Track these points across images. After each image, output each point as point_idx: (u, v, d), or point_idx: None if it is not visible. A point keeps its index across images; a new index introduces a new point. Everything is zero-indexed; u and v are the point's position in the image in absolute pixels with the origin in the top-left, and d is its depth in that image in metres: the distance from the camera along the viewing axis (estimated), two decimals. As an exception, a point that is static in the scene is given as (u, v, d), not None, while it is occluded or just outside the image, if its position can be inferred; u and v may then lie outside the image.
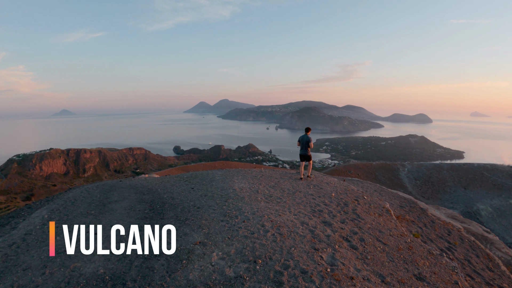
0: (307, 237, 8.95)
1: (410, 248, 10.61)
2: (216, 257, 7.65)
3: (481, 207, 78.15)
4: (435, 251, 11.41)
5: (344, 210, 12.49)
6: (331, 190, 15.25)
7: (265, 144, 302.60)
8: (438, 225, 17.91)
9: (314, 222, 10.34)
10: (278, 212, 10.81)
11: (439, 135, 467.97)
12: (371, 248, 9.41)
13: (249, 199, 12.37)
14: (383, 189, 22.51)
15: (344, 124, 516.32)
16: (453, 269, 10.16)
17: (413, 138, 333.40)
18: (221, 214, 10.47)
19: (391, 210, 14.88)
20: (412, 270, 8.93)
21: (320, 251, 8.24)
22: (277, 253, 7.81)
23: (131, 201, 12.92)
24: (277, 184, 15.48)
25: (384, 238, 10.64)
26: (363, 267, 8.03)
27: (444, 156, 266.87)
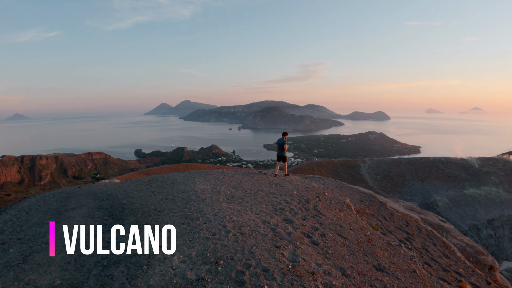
0: (268, 236, 9.00)
1: (370, 240, 10.89)
2: (177, 261, 7.54)
3: (438, 198, 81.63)
4: (394, 242, 11.79)
5: (305, 207, 12.66)
6: (292, 188, 15.41)
7: (228, 144, 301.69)
8: (396, 217, 18.50)
9: (276, 220, 10.41)
10: (240, 212, 10.80)
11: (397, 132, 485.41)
12: (332, 243, 9.59)
13: (211, 200, 12.30)
14: (344, 185, 23.00)
15: (306, 123, 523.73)
16: (411, 258, 10.53)
17: (373, 135, 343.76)
18: (182, 217, 10.33)
19: (351, 205, 15.23)
20: (372, 261, 9.16)
21: (282, 248, 8.31)
22: (238, 253, 7.80)
23: (90, 208, 12.52)
24: (239, 184, 15.48)
25: (344, 233, 10.87)
26: (324, 262, 8.17)
27: (402, 151, 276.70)
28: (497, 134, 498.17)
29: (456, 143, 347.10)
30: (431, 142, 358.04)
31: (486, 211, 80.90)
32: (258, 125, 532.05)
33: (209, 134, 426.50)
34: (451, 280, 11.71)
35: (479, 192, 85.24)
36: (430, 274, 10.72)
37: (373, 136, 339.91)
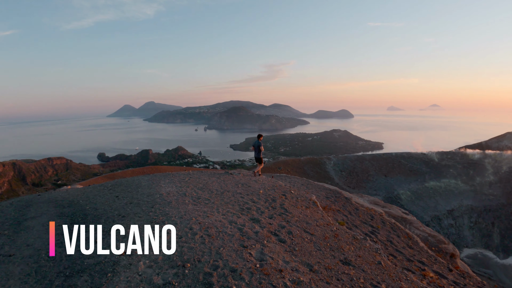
0: (235, 236, 8.98)
1: (336, 235, 11.09)
2: (143, 266, 7.38)
3: (401, 192, 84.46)
4: (359, 236, 12.07)
5: (272, 206, 12.73)
6: (259, 188, 15.46)
7: (194, 146, 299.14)
8: (361, 212, 18.94)
9: (243, 220, 10.41)
10: (206, 214, 10.72)
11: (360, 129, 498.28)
12: (299, 240, 9.70)
13: (177, 203, 12.13)
14: (310, 183, 23.33)
15: (272, 122, 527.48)
16: (376, 251, 10.80)
17: (337, 133, 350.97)
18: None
19: (317, 201, 15.45)
20: (339, 256, 9.34)
21: (249, 248, 8.32)
22: (206, 255, 7.73)
23: (50, 216, 12.05)
24: (206, 185, 15.36)
25: (311, 229, 11.01)
26: (292, 259, 8.25)
27: (366, 147, 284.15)
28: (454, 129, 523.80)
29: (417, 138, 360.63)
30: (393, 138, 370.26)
31: (446, 202, 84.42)
32: (224, 125, 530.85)
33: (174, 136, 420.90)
34: (415, 269, 12.12)
35: (439, 185, 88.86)
36: (395, 265, 11.03)
37: (338, 133, 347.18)
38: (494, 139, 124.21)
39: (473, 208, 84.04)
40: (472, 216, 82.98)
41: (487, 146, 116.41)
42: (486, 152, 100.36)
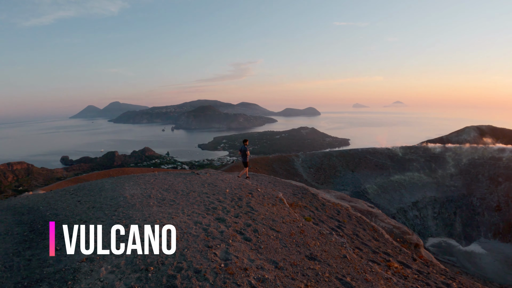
0: (200, 236, 8.90)
1: (302, 231, 11.19)
2: (105, 272, 7.18)
3: (368, 186, 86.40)
4: (325, 231, 12.24)
5: (238, 205, 12.71)
6: (225, 187, 15.40)
7: (162, 146, 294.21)
8: (328, 207, 19.22)
9: (208, 220, 10.33)
10: (171, 215, 10.55)
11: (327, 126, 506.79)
12: (265, 238, 9.72)
13: (141, 205, 11.87)
14: (277, 180, 23.47)
15: (240, 121, 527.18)
16: (342, 245, 10.99)
17: (305, 130, 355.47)
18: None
19: (284, 199, 15.56)
20: (304, 251, 9.43)
21: (214, 248, 8.26)
22: (169, 257, 7.62)
23: (8, 224, 11.53)
24: (171, 186, 15.14)
25: (277, 226, 11.07)
26: (257, 257, 8.25)
27: (333, 144, 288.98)
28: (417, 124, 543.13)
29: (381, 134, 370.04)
30: (359, 135, 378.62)
31: (410, 195, 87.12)
32: (192, 125, 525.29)
33: (141, 137, 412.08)
34: (380, 261, 12.39)
35: (404, 178, 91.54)
36: (360, 257, 11.26)
37: (305, 131, 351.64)
38: (454, 134, 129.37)
39: (436, 199, 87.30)
40: (435, 207, 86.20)
41: (448, 140, 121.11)
42: (447, 146, 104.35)
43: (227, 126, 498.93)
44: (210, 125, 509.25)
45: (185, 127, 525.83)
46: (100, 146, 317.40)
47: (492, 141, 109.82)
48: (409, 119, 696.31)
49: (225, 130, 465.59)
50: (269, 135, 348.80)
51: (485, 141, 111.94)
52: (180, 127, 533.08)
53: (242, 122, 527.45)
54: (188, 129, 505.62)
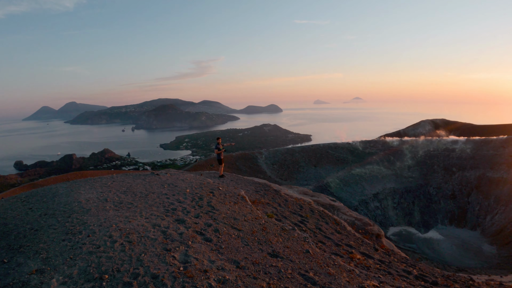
0: (158, 239, 8.58)
1: (265, 228, 11.09)
2: (56, 283, 6.73)
3: (330, 180, 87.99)
4: (288, 226, 12.19)
5: (198, 205, 12.44)
6: (186, 187, 15.07)
7: (122, 147, 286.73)
8: (291, 203, 19.26)
9: (167, 222, 10.01)
10: (128, 219, 10.14)
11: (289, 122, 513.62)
12: (226, 237, 9.53)
13: (96, 210, 11.32)
14: (239, 178, 23.31)
15: (202, 119, 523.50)
16: (304, 240, 10.97)
17: (267, 127, 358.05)
18: (63, 233, 9.29)
19: (246, 196, 15.42)
20: (266, 249, 9.31)
21: (173, 251, 7.98)
22: (125, 263, 7.26)
23: (-50, 237, 10.66)
24: (129, 188, 14.59)
25: (239, 225, 10.91)
26: (218, 258, 8.06)
27: (295, 140, 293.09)
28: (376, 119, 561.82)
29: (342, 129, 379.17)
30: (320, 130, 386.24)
31: (371, 187, 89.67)
32: (153, 124, 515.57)
33: (100, 138, 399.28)
34: (343, 253, 12.51)
35: (364, 171, 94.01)
36: (323, 251, 11.29)
37: (268, 128, 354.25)
38: (410, 127, 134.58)
39: (396, 190, 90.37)
40: (395, 197, 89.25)
41: (405, 133, 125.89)
42: (404, 139, 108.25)
43: (189, 125, 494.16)
44: (172, 124, 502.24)
45: (146, 127, 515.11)
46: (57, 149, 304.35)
47: (446, 134, 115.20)
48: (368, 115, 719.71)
49: (187, 129, 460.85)
50: (232, 132, 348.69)
51: (439, 133, 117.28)
52: (140, 127, 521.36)
53: (204, 120, 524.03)
54: (149, 129, 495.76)
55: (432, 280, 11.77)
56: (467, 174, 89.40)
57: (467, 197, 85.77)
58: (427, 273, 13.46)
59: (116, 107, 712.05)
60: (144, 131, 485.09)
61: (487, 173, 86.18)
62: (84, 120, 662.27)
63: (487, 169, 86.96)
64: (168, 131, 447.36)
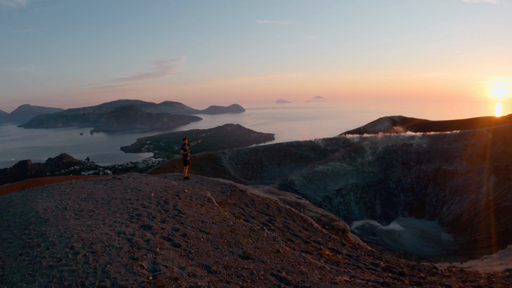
0: (124, 248, 8.18)
1: (233, 230, 10.92)
2: (13, 302, 6.25)
3: (294, 178, 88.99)
4: (256, 226, 12.08)
5: (164, 209, 12.09)
6: (150, 190, 14.63)
7: (81, 151, 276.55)
8: (257, 202, 19.19)
9: (132, 229, 9.60)
10: (91, 227, 9.63)
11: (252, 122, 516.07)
12: (195, 241, 9.28)
13: (56, 219, 10.68)
14: (205, 179, 22.99)
15: (164, 121, 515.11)
16: (274, 239, 10.89)
17: (230, 127, 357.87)
18: (19, 247, 8.64)
19: (212, 198, 15.18)
20: (237, 251, 9.15)
21: (140, 259, 7.62)
22: (90, 276, 6.83)
23: None
24: (90, 195, 13.94)
25: (207, 227, 10.68)
26: (188, 264, 7.80)
27: (258, 139, 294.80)
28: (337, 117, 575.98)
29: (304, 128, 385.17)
30: (283, 129, 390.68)
31: (334, 183, 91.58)
32: (113, 126, 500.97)
33: (57, 142, 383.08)
34: (312, 250, 12.54)
35: (327, 168, 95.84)
36: (293, 250, 11.26)
37: (231, 128, 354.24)
38: (369, 124, 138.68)
39: (357, 185, 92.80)
40: (357, 192, 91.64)
41: (365, 130, 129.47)
42: (364, 136, 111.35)
43: (150, 127, 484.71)
44: (133, 126, 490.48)
45: (106, 129, 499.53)
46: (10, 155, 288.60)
47: (403, 130, 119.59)
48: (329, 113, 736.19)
49: (149, 130, 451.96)
50: (195, 133, 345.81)
51: (397, 129, 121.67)
52: (100, 129, 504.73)
53: (166, 121, 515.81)
54: (109, 131, 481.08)
55: (399, 271, 12.03)
56: (424, 167, 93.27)
57: (425, 189, 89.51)
58: (393, 264, 13.76)
59: (73, 109, 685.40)
60: (103, 133, 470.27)
61: (442, 166, 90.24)
62: (39, 124, 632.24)
63: (442, 162, 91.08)
64: (129, 133, 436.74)
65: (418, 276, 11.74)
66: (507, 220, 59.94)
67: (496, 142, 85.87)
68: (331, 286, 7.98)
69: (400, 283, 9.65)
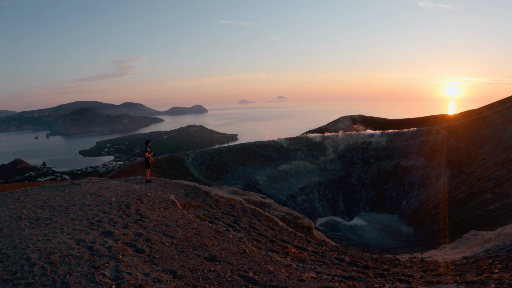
0: (85, 257, 7.83)
1: (198, 232, 10.80)
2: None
3: (258, 178, 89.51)
4: (222, 228, 12.00)
5: (126, 214, 11.75)
6: (111, 195, 14.18)
7: (36, 156, 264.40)
8: (222, 203, 19.10)
9: (93, 237, 9.24)
10: (48, 237, 9.16)
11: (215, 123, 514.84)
12: (159, 246, 9.08)
13: (9, 229, 10.07)
14: (168, 182, 22.64)
15: (124, 123, 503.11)
16: (239, 240, 10.85)
17: (193, 128, 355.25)
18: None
19: (176, 200, 14.95)
20: (203, 254, 9.04)
21: (102, 268, 7.32)
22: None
23: None
24: (47, 202, 13.29)
25: (171, 231, 10.49)
26: (152, 269, 7.60)
27: (222, 140, 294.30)
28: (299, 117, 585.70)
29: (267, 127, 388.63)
30: (246, 129, 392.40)
31: (298, 181, 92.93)
32: (70, 129, 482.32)
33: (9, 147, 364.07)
34: (278, 249, 12.61)
35: (290, 167, 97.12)
36: (259, 249, 11.26)
37: (194, 129, 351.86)
38: (331, 123, 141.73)
39: (320, 183, 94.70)
40: (320, 190, 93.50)
41: (326, 129, 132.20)
42: (326, 135, 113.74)
43: (110, 129, 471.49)
44: (91, 129, 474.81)
45: (63, 132, 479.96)
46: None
47: (363, 128, 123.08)
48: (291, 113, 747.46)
49: (109, 133, 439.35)
50: (157, 135, 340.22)
51: (357, 128, 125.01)
52: (56, 133, 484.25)
53: (127, 123, 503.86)
54: (66, 135, 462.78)
55: (363, 264, 12.33)
56: (384, 164, 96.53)
57: (385, 184, 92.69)
58: (357, 258, 14.08)
59: (27, 112, 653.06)
60: (60, 137, 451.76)
61: (400, 162, 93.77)
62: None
63: (401, 158, 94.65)
64: (88, 136, 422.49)
65: (381, 268, 12.08)
66: (462, 211, 63.00)
67: (450, 138, 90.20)
68: (299, 283, 8.04)
69: (365, 276, 9.89)
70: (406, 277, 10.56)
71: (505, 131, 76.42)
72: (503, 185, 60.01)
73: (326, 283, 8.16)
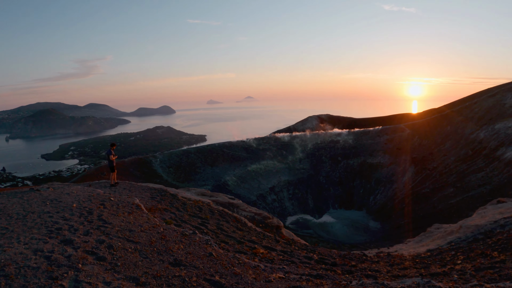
0: (42, 267, 7.44)
1: (164, 237, 10.58)
2: None
3: (228, 178, 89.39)
4: (188, 231, 11.80)
5: (88, 220, 11.35)
6: (72, 201, 13.67)
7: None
8: (189, 206, 18.86)
9: (51, 245, 8.83)
10: (3, 247, 8.67)
11: (183, 123, 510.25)
12: (122, 253, 8.80)
13: (-40, 240, 9.54)
14: (133, 185, 22.14)
15: (89, 124, 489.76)
16: (206, 242, 10.70)
17: (160, 129, 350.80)
18: None
19: (141, 204, 14.63)
20: (167, 259, 8.84)
21: (60, 278, 6.98)
22: (2, 303, 6.14)
23: None
24: (3, 210, 12.61)
25: (135, 237, 10.22)
26: (114, 278, 7.34)
27: (190, 141, 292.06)
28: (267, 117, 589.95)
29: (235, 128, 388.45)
30: (215, 130, 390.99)
31: (267, 181, 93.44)
32: (32, 132, 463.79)
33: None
34: (246, 250, 12.53)
35: (260, 167, 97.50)
36: (227, 251, 11.15)
37: (161, 130, 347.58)
38: (299, 123, 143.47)
39: (290, 182, 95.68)
40: (289, 188, 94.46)
41: (294, 129, 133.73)
42: (294, 134, 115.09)
43: (74, 131, 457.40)
44: (54, 131, 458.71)
45: (23, 135, 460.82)
46: None
47: (330, 127, 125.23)
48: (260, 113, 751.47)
49: (73, 135, 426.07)
50: (123, 137, 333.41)
51: (325, 127, 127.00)
52: (16, 136, 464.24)
53: (92, 125, 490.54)
54: (27, 138, 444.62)
55: (332, 262, 12.47)
56: (351, 161, 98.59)
57: (352, 182, 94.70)
58: (326, 256, 14.23)
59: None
60: (21, 140, 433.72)
61: (367, 159, 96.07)
62: None
63: (367, 156, 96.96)
64: (50, 139, 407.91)
65: (349, 264, 12.26)
66: (426, 205, 65.35)
67: (414, 136, 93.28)
68: (266, 284, 7.99)
69: (332, 274, 9.98)
70: (373, 272, 10.74)
71: (465, 128, 79.85)
72: (464, 180, 62.65)
73: (293, 283, 8.16)
